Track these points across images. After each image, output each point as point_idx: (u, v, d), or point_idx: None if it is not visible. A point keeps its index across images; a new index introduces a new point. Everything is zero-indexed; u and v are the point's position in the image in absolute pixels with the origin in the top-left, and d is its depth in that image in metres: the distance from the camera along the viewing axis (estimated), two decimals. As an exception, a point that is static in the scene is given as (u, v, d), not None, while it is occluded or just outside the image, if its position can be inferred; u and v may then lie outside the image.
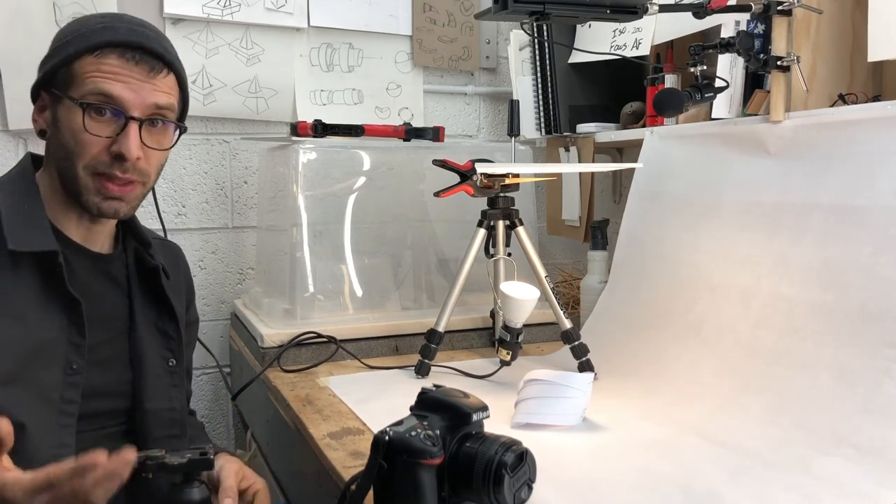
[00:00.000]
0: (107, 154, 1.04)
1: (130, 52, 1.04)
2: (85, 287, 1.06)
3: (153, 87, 1.06)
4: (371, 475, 0.77)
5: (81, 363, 1.03)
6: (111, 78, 1.03)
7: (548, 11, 1.19)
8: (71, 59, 1.03)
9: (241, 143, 1.92)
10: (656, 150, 1.54)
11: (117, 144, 1.03)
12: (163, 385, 1.15)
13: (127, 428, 1.11)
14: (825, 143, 1.19)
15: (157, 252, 1.19)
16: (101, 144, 1.03)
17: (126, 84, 1.03)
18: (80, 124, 1.02)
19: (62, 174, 1.06)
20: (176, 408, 1.16)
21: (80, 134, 1.02)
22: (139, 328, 1.13)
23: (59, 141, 1.05)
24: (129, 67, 1.04)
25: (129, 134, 1.04)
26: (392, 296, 1.65)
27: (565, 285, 1.91)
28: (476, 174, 1.36)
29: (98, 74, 1.02)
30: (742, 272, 1.26)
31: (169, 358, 1.16)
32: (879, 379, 1.00)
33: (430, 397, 0.83)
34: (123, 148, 1.03)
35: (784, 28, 1.23)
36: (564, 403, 1.10)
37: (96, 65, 1.03)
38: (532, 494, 0.82)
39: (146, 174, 1.08)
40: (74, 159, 1.04)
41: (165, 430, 1.13)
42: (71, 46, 1.04)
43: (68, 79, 1.03)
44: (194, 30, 1.82)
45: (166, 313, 1.17)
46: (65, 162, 1.05)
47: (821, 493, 0.88)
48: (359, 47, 1.99)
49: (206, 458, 0.90)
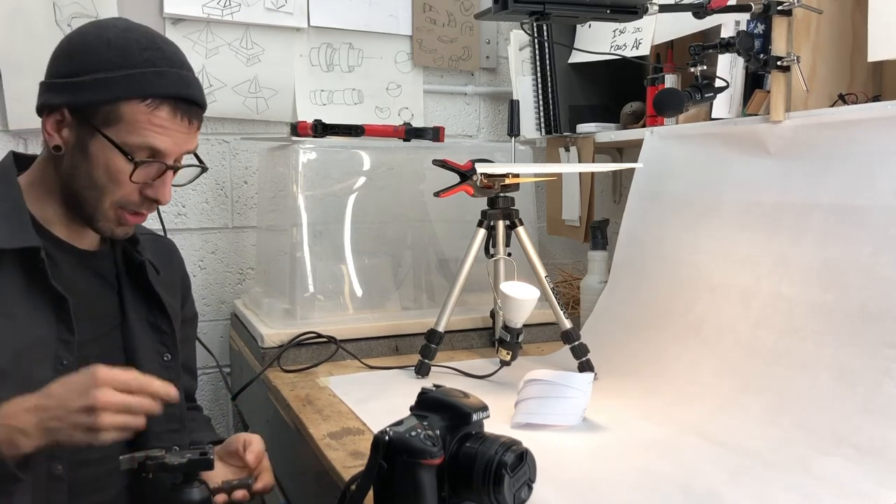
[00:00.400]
0: (138, 195, 1.06)
1: (182, 105, 1.05)
2: (71, 283, 1.06)
3: (192, 136, 1.08)
4: (371, 475, 0.77)
5: (71, 359, 1.02)
6: (161, 133, 1.03)
7: (548, 11, 1.19)
8: (118, 100, 1.02)
9: (241, 143, 1.92)
10: (656, 150, 1.54)
11: (153, 190, 1.06)
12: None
13: None
14: (825, 143, 1.19)
15: (148, 248, 1.19)
16: (136, 187, 1.05)
17: (172, 139, 1.05)
18: (122, 170, 1.03)
19: (76, 196, 1.06)
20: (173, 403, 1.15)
21: (119, 176, 1.03)
22: (131, 324, 1.13)
23: (87, 171, 1.04)
24: (177, 122, 1.05)
25: (166, 182, 1.07)
26: (392, 296, 1.65)
27: (565, 285, 1.91)
28: (476, 174, 1.36)
29: (150, 128, 1.03)
30: (742, 272, 1.26)
31: (164, 353, 1.16)
32: (879, 379, 1.00)
33: (430, 397, 0.83)
34: (160, 195, 1.07)
35: (784, 28, 1.23)
36: (564, 403, 1.10)
37: (147, 116, 1.02)
38: (532, 494, 0.82)
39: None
40: (103, 194, 1.04)
41: (164, 425, 1.12)
42: (121, 88, 1.02)
43: (112, 119, 1.02)
44: (194, 30, 1.82)
45: (157, 308, 1.16)
46: (89, 192, 1.05)
47: (821, 493, 0.88)
48: (359, 47, 1.99)
49: (207, 458, 0.90)
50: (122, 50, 1.04)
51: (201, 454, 0.91)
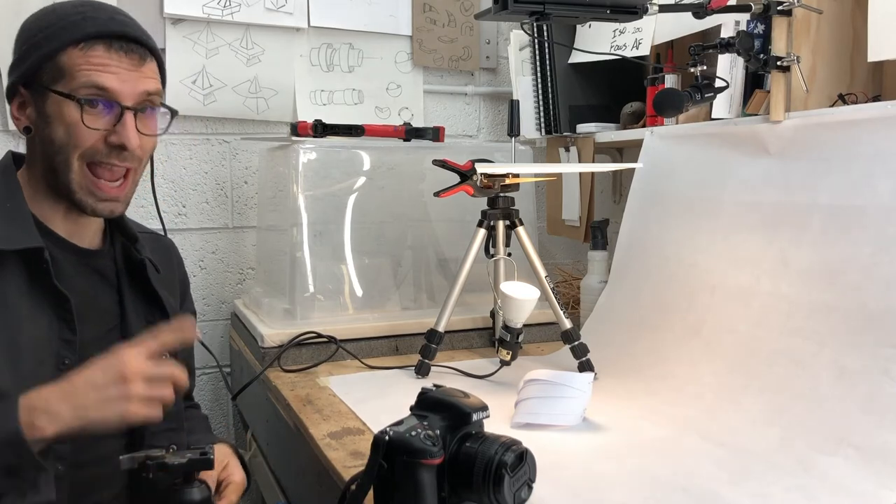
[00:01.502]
0: (104, 144, 1.04)
1: (116, 42, 1.04)
2: (72, 283, 1.06)
3: (141, 74, 1.06)
4: (371, 475, 0.77)
5: (73, 358, 1.02)
6: (102, 70, 1.03)
7: (548, 11, 1.19)
8: (55, 53, 1.02)
9: (241, 143, 1.92)
10: (656, 150, 1.54)
11: (116, 136, 1.04)
12: None
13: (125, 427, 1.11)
14: (825, 143, 1.19)
15: (147, 247, 1.19)
16: (98, 136, 1.04)
17: (116, 75, 1.04)
18: (75, 118, 1.02)
19: (53, 169, 1.05)
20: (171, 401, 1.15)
21: (75, 127, 1.02)
22: (130, 323, 1.13)
23: (50, 136, 1.04)
24: (117, 58, 1.04)
25: (126, 124, 1.04)
26: (392, 296, 1.65)
27: (565, 285, 1.91)
28: (476, 174, 1.36)
29: (88, 67, 1.02)
30: (742, 272, 1.26)
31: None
32: (879, 379, 1.00)
33: (430, 397, 0.83)
34: (124, 138, 1.04)
35: (784, 28, 1.23)
36: (564, 403, 1.10)
37: (84, 58, 1.02)
38: (532, 494, 0.82)
39: (140, 160, 1.10)
40: (69, 151, 1.03)
41: (162, 424, 1.10)
42: (54, 41, 1.03)
43: (55, 73, 1.03)
44: (194, 30, 1.82)
45: (157, 307, 1.17)
46: (57, 156, 1.04)
47: (821, 493, 0.88)
48: (359, 47, 1.99)
49: (206, 458, 0.90)
50: (56, 12, 1.06)
51: (201, 454, 0.91)
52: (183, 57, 1.81)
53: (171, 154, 1.86)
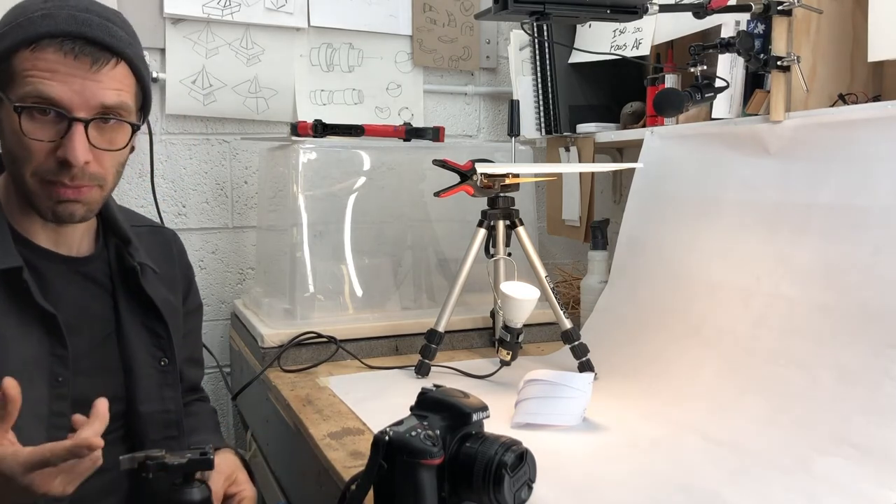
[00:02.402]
0: (52, 160, 0.95)
1: (70, 43, 0.92)
2: (60, 294, 1.02)
3: (97, 83, 0.95)
4: (371, 475, 0.77)
5: (67, 374, 0.99)
6: (49, 77, 0.92)
7: (548, 11, 1.19)
8: (8, 54, 0.93)
9: (241, 143, 1.92)
10: (656, 150, 1.54)
11: (62, 149, 0.94)
12: (155, 386, 1.11)
13: (124, 433, 1.09)
14: (825, 143, 1.19)
15: (145, 241, 1.14)
16: (45, 149, 0.94)
17: (65, 83, 0.93)
18: (17, 128, 0.93)
19: (14, 179, 0.99)
20: (171, 409, 1.12)
21: (18, 138, 0.93)
22: (126, 329, 1.09)
23: (6, 146, 0.97)
24: (67, 62, 0.93)
25: (73, 137, 0.93)
26: (392, 296, 1.65)
27: (565, 285, 1.91)
28: (476, 174, 1.36)
29: (35, 73, 0.92)
30: (742, 272, 1.26)
31: (160, 357, 1.12)
32: (879, 379, 1.00)
33: (430, 397, 0.83)
34: (69, 154, 0.93)
35: (784, 28, 1.23)
36: (564, 403, 1.10)
37: (32, 61, 0.92)
38: (532, 494, 0.82)
39: (100, 178, 0.99)
40: (21, 165, 0.96)
41: (161, 433, 1.10)
42: (7, 39, 0.93)
43: (7, 77, 0.93)
44: (194, 30, 1.82)
45: (153, 312, 1.11)
46: (12, 167, 0.98)
47: (821, 493, 0.88)
48: (359, 47, 1.99)
49: (206, 458, 0.90)
50: (20, 8, 0.96)
51: (201, 454, 0.91)
52: (183, 57, 1.81)
53: (170, 154, 1.86)
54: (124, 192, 1.83)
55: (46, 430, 0.98)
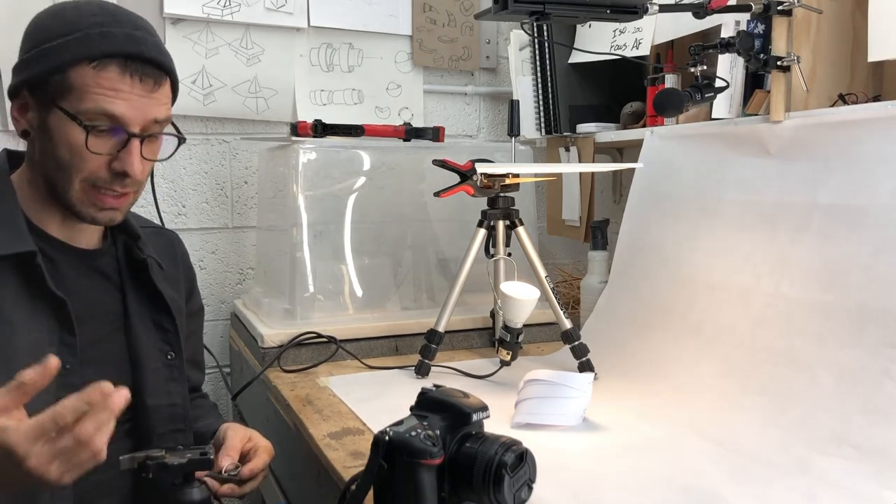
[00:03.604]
0: (106, 170, 1.01)
1: (132, 65, 0.99)
2: (71, 284, 1.04)
3: (153, 100, 1.01)
4: (371, 475, 0.77)
5: (74, 362, 1.00)
6: (113, 95, 0.98)
7: (548, 11, 1.19)
8: (66, 67, 0.97)
9: (241, 143, 1.92)
10: (656, 150, 1.54)
11: (120, 162, 1.00)
12: (162, 380, 1.12)
13: (131, 426, 1.09)
14: (825, 143, 1.19)
15: (150, 243, 1.16)
16: (101, 161, 1.00)
17: (128, 102, 0.99)
18: (79, 141, 0.98)
19: (52, 182, 1.02)
20: (177, 402, 1.13)
21: (78, 150, 0.98)
22: (134, 323, 1.10)
23: (51, 151, 1.00)
24: (130, 83, 0.99)
25: (131, 152, 1.00)
26: (392, 296, 1.65)
27: (565, 285, 1.91)
28: (476, 174, 1.36)
29: (99, 91, 0.97)
30: (742, 272, 1.26)
31: (167, 351, 1.13)
32: (879, 379, 1.00)
33: (430, 397, 0.83)
34: (127, 166, 1.00)
35: (784, 28, 1.23)
36: (564, 403, 1.10)
37: (96, 79, 0.97)
38: (532, 494, 0.82)
39: (140, 185, 1.07)
40: (70, 172, 1.00)
41: (168, 426, 1.11)
42: (66, 52, 0.97)
43: (63, 88, 0.98)
44: (194, 30, 1.82)
45: (161, 306, 1.14)
46: (57, 173, 1.01)
47: (821, 493, 0.88)
48: (359, 47, 1.99)
49: (206, 458, 0.90)
50: (70, 18, 1.00)
51: (201, 454, 0.91)
52: (183, 57, 1.81)
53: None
54: (124, 192, 1.83)
55: None
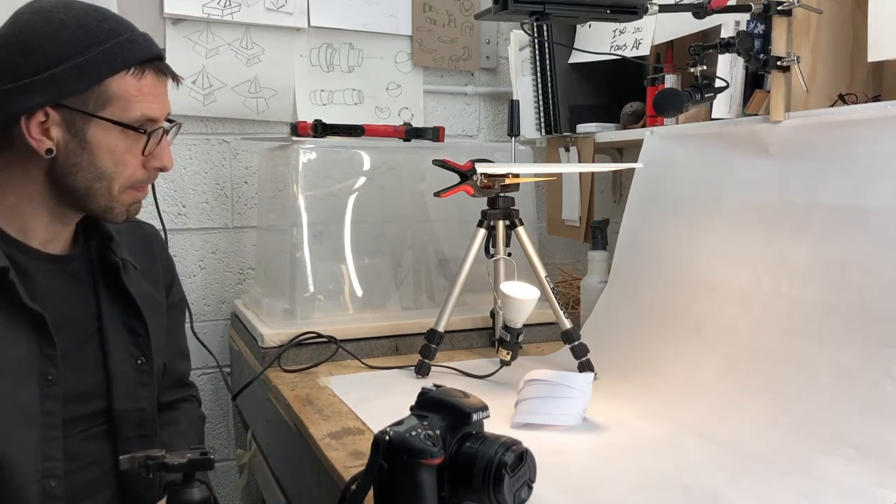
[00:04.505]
0: (143, 169, 1.06)
1: (158, 65, 1.04)
2: (46, 293, 1.03)
3: (167, 93, 1.07)
4: (371, 475, 0.77)
5: (56, 373, 1.00)
6: (152, 100, 1.02)
7: (548, 11, 1.19)
8: (104, 79, 0.99)
9: (241, 143, 1.92)
10: (656, 150, 1.54)
11: (156, 159, 1.06)
12: (131, 384, 1.11)
13: (106, 428, 1.09)
14: (825, 143, 1.19)
15: (126, 238, 1.16)
16: (139, 161, 1.05)
17: (161, 102, 1.04)
18: (127, 148, 1.02)
19: (84, 193, 1.03)
20: (145, 408, 1.12)
21: (125, 157, 1.02)
22: (107, 326, 1.10)
23: (90, 162, 1.01)
24: (161, 84, 1.04)
25: (165, 147, 1.06)
26: (392, 296, 1.65)
27: (565, 285, 1.91)
28: (476, 174, 1.36)
29: (142, 97, 1.01)
30: (742, 272, 1.26)
31: (138, 356, 1.12)
32: (879, 379, 1.00)
33: (430, 397, 0.83)
34: (165, 162, 1.06)
35: (784, 28, 1.23)
36: (564, 403, 1.10)
37: (138, 86, 1.01)
38: (532, 494, 0.82)
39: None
40: (113, 180, 1.03)
41: (134, 431, 1.10)
42: (101, 65, 0.98)
43: (104, 99, 0.99)
44: (194, 30, 1.82)
45: (133, 310, 1.13)
46: (98, 183, 1.02)
47: (821, 493, 0.88)
48: (359, 47, 1.99)
49: (206, 458, 0.90)
50: (81, 28, 0.99)
51: (201, 454, 0.91)
52: (183, 57, 1.81)
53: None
54: (124, 192, 1.83)
55: (39, 431, 0.99)
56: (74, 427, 1.05)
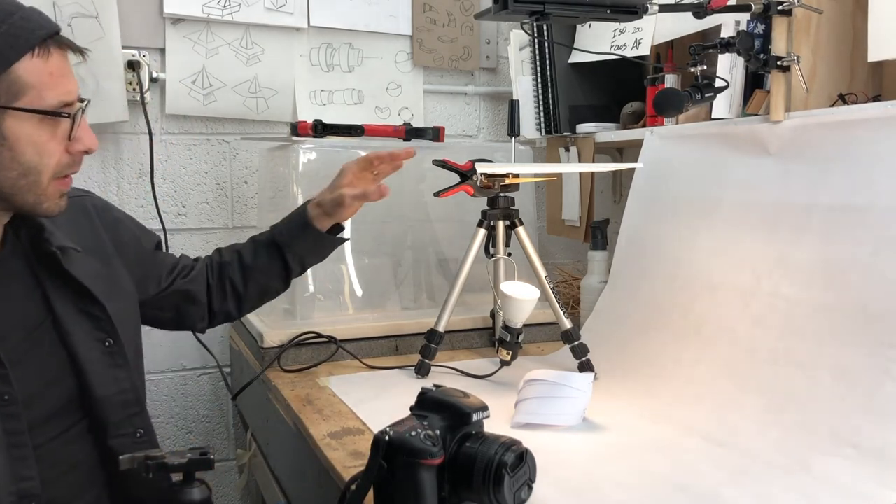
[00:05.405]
0: (68, 155, 0.97)
1: (59, 40, 0.94)
2: None
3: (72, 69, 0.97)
4: (371, 475, 0.77)
5: (11, 390, 0.95)
6: (65, 80, 0.94)
7: (548, 11, 1.19)
8: (9, 65, 0.90)
9: (241, 143, 1.92)
10: (656, 150, 1.54)
11: (79, 143, 0.97)
12: (105, 368, 1.06)
13: (88, 424, 1.06)
14: (825, 143, 1.19)
15: (62, 221, 1.06)
16: (62, 148, 0.96)
17: (70, 79, 0.95)
18: (50, 137, 0.94)
19: (10, 192, 0.95)
20: (126, 388, 1.08)
21: (48, 146, 0.94)
22: (62, 318, 1.03)
23: (14, 159, 0.93)
24: (66, 61, 0.95)
25: (85, 127, 0.97)
26: (392, 296, 1.65)
27: (565, 285, 1.91)
28: (476, 174, 1.36)
29: (54, 79, 0.93)
30: (742, 272, 1.26)
31: (104, 339, 1.07)
32: (879, 379, 1.00)
33: (430, 397, 0.83)
34: (90, 142, 0.98)
35: (784, 28, 1.23)
36: (564, 403, 1.10)
37: (48, 69, 0.92)
38: (532, 494, 0.82)
39: None
40: (39, 173, 0.95)
41: (122, 413, 1.07)
42: (4, 50, 0.90)
43: (16, 89, 0.91)
44: (194, 30, 1.82)
45: (85, 295, 1.06)
46: (24, 180, 0.94)
47: (821, 493, 0.88)
48: (359, 47, 1.99)
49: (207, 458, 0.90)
50: None
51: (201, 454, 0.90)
52: (183, 57, 1.81)
53: (170, 154, 1.86)
54: (124, 192, 1.83)
55: (6, 452, 0.94)
56: (51, 429, 1.01)
